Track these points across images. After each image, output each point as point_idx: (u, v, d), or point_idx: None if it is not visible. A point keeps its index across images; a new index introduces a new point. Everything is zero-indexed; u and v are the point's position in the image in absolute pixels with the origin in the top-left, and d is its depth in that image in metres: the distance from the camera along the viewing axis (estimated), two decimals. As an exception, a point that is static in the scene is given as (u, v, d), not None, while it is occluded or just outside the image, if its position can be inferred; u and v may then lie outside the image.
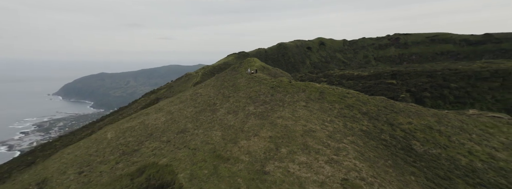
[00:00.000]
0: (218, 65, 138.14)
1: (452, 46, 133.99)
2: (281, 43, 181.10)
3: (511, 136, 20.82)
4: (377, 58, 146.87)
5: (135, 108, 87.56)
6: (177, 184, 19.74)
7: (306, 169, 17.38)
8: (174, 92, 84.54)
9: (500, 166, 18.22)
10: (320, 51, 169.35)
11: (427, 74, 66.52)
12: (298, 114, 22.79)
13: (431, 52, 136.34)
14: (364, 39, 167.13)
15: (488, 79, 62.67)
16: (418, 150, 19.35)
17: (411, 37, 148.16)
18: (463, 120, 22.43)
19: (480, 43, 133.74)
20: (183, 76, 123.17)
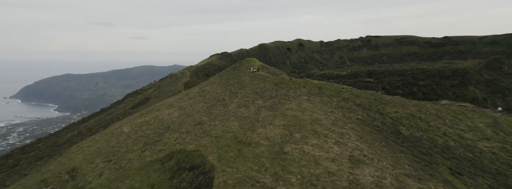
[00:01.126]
0: (202, 65, 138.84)
1: (417, 48, 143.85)
2: (262, 44, 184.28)
3: (475, 121, 25.18)
4: (352, 58, 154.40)
5: (123, 108, 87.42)
6: (208, 165, 22.14)
7: (318, 149, 20.53)
8: (164, 92, 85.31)
9: (467, 144, 22.32)
10: (299, 52, 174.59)
11: (398, 73, 72.32)
12: (303, 106, 25.90)
13: (399, 53, 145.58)
14: (339, 40, 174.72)
15: (450, 77, 69.35)
16: (405, 133, 23.10)
17: (381, 39, 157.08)
18: (438, 109, 26.65)
19: (440, 45, 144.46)
20: (167, 76, 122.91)
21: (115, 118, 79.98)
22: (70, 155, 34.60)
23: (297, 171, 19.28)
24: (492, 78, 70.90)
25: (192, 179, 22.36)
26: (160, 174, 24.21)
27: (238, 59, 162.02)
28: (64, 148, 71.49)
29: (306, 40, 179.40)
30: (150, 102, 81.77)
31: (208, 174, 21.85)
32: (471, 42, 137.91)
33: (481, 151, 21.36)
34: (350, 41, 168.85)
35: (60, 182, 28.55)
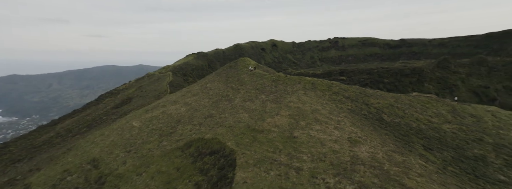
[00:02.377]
0: (179, 65, 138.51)
1: (378, 49, 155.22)
2: (238, 44, 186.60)
3: (438, 108, 30.45)
4: (321, 59, 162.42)
5: (103, 109, 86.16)
6: (227, 150, 24.80)
7: (322, 133, 24.20)
8: (148, 91, 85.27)
9: (434, 126, 27.37)
10: (273, 52, 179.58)
11: (366, 72, 79.10)
12: (303, 99, 29.46)
13: (363, 54, 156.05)
14: (309, 41, 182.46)
15: (409, 75, 77.33)
16: (387, 119, 27.55)
17: (347, 41, 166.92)
18: (410, 99, 31.65)
19: (397, 47, 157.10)
20: (144, 76, 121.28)
21: (98, 118, 78.82)
22: (85, 148, 35.25)
23: (307, 151, 22.78)
24: (442, 75, 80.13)
25: (214, 161, 24.93)
26: (183, 159, 26.44)
27: (214, 59, 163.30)
28: (44, 149, 69.81)
29: (279, 40, 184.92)
30: (133, 101, 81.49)
31: (229, 157, 24.58)
32: (423, 44, 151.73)
33: (444, 131, 26.41)
34: (319, 42, 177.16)
35: (84, 171, 29.56)
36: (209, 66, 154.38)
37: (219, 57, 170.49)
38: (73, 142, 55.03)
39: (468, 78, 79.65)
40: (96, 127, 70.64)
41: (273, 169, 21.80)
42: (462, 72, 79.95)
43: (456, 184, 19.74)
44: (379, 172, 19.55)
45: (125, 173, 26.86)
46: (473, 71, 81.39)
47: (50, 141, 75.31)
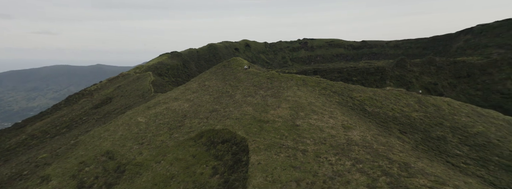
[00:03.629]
0: (153, 64, 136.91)
1: (343, 50, 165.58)
2: (211, 44, 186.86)
3: (407, 100, 36.15)
4: (292, 59, 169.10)
5: (80, 109, 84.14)
6: (238, 138, 27.52)
7: (319, 121, 28.06)
8: (130, 91, 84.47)
9: (406, 114, 32.69)
10: (246, 52, 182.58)
11: (337, 71, 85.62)
12: (298, 94, 33.14)
13: (330, 54, 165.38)
14: (280, 42, 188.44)
15: (374, 73, 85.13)
16: (369, 110, 32.23)
17: (315, 42, 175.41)
18: (385, 93, 36.87)
19: (360, 47, 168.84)
20: (118, 76, 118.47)
21: (77, 118, 76.96)
22: (93, 143, 35.52)
23: (309, 136, 26.47)
24: (400, 74, 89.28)
25: (227, 148, 27.57)
26: (197, 148, 28.63)
27: (188, 58, 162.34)
28: (21, 151, 67.38)
29: (252, 41, 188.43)
30: (115, 101, 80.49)
31: (240, 144, 27.40)
32: (381, 46, 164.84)
33: (414, 118, 31.72)
34: (290, 42, 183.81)
35: (100, 162, 30.35)
36: (184, 66, 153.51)
37: (194, 56, 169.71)
38: (51, 143, 53.96)
39: (421, 76, 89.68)
40: (77, 127, 69.10)
41: (282, 152, 25.19)
42: (416, 70, 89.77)
43: (427, 158, 24.71)
44: (370, 150, 23.82)
45: (143, 162, 28.48)
46: (424, 70, 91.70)
47: (25, 143, 72.16)
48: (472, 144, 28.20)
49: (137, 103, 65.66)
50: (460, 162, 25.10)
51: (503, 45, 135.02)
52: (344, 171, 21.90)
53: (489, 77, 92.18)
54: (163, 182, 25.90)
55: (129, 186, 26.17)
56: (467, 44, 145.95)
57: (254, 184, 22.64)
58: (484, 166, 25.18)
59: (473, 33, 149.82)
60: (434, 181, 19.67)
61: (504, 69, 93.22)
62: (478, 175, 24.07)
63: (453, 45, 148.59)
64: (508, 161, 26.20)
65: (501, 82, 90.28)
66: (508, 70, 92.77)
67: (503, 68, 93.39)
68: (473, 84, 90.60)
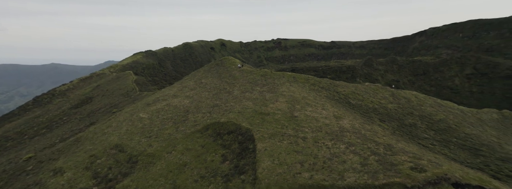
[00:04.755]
0: (128, 63, 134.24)
1: (315, 50, 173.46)
2: (187, 43, 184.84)
3: (383, 94, 40.78)
4: (267, 58, 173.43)
5: (57, 110, 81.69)
6: (243, 129, 29.98)
7: (314, 113, 31.58)
8: (112, 90, 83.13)
9: (383, 106, 37.59)
10: (222, 51, 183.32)
11: (313, 69, 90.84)
12: (291, 89, 36.41)
13: (302, 54, 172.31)
14: (255, 42, 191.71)
15: (345, 72, 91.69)
16: (352, 103, 36.46)
17: (288, 42, 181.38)
18: (365, 87, 41.48)
19: (329, 48, 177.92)
20: (91, 76, 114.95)
21: (56, 118, 74.64)
22: (98, 138, 35.67)
23: (307, 125, 29.85)
24: (368, 72, 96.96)
25: (233, 138, 29.96)
26: (204, 139, 30.61)
27: (164, 57, 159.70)
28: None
29: (227, 40, 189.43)
30: (96, 101, 79.02)
31: (246, 134, 29.95)
32: (348, 46, 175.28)
33: (390, 109, 36.53)
34: (264, 42, 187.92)
35: (111, 155, 31.00)
36: (160, 65, 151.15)
37: (169, 56, 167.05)
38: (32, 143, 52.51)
39: (385, 73, 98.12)
40: (58, 127, 67.18)
41: (285, 140, 28.30)
42: (381, 69, 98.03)
43: (404, 140, 29.30)
44: (359, 135, 27.80)
45: (155, 153, 29.90)
46: (388, 68, 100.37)
47: (0, 145, 68.86)
48: (436, 129, 33.57)
49: (123, 102, 65.13)
50: (428, 143, 30.07)
51: (450, 46, 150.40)
52: (339, 153, 25.54)
53: (440, 74, 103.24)
54: (177, 169, 27.74)
55: (145, 174, 27.64)
56: (422, 45, 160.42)
57: (264, 167, 25.54)
58: (446, 146, 30.40)
59: (426, 35, 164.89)
60: (412, 157, 23.99)
61: (453, 67, 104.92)
62: (442, 153, 29.13)
63: (410, 46, 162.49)
64: (464, 141, 31.78)
65: (450, 79, 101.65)
66: (455, 69, 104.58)
67: (451, 67, 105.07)
68: (428, 81, 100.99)
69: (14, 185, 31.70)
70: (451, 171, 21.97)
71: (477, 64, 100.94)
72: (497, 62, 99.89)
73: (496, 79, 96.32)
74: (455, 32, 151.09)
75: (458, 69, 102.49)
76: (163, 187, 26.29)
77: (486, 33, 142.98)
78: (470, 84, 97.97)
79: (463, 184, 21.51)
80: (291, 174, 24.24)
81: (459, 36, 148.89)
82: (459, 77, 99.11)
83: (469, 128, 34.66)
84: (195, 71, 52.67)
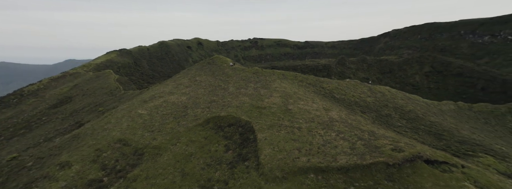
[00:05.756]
0: (102, 62, 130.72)
1: (290, 49, 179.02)
2: (163, 42, 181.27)
3: (362, 89, 45.29)
4: (245, 57, 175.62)
5: (33, 111, 78.71)
6: (243, 121, 32.24)
7: (306, 106, 34.83)
8: (93, 89, 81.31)
9: (363, 99, 41.96)
10: (199, 50, 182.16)
11: (292, 68, 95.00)
12: (283, 85, 39.37)
13: (278, 53, 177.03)
14: (232, 41, 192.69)
15: (322, 70, 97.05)
16: (337, 97, 40.29)
17: (265, 41, 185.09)
18: (346, 83, 45.60)
19: (303, 47, 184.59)
20: (66, 75, 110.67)
21: (35, 118, 72.06)
22: (100, 134, 35.64)
23: (301, 117, 32.99)
24: (341, 70, 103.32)
25: (234, 130, 32.16)
26: (206, 131, 32.40)
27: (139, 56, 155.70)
28: None
29: (204, 39, 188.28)
30: (77, 100, 77.15)
31: (246, 126, 32.32)
32: (321, 46, 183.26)
33: (369, 102, 40.91)
34: (241, 41, 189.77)
35: (116, 149, 31.54)
36: (136, 64, 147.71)
37: (145, 54, 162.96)
38: (13, 144, 51.07)
39: (356, 72, 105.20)
40: (39, 127, 65.02)
41: (282, 130, 31.21)
42: (353, 67, 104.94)
43: (382, 128, 33.60)
44: (347, 124, 31.51)
45: (160, 145, 31.20)
46: (359, 67, 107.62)
47: None
48: (407, 118, 38.50)
49: (108, 101, 64.27)
50: (402, 130, 34.69)
51: (410, 46, 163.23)
52: (331, 139, 29.00)
53: (404, 72, 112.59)
54: (184, 159, 29.45)
55: (154, 164, 28.98)
56: (386, 45, 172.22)
57: (266, 154, 28.30)
58: (416, 132, 35.25)
59: (390, 37, 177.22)
60: (392, 140, 28.06)
61: (414, 66, 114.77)
62: (413, 138, 33.84)
63: (376, 46, 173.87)
64: (429, 128, 36.96)
65: (412, 76, 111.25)
66: (416, 67, 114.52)
67: (412, 65, 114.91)
68: (393, 78, 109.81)
69: (18, 180, 31.31)
70: (423, 150, 26.25)
71: (433, 63, 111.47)
72: (449, 61, 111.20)
73: (449, 77, 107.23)
74: (414, 34, 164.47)
75: (418, 68, 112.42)
76: (172, 175, 27.94)
77: (440, 35, 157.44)
78: (428, 81, 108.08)
79: (432, 161, 25.85)
80: (291, 159, 27.21)
81: (417, 38, 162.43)
82: (419, 75, 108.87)
83: (433, 117, 40.15)
84: (186, 69, 53.76)
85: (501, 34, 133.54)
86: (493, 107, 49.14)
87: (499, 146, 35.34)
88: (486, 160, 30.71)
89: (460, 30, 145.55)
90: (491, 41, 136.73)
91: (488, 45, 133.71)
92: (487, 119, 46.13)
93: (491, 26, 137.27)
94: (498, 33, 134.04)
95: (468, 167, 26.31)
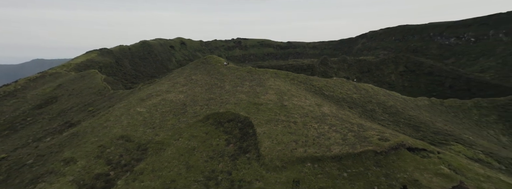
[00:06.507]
0: (82, 62, 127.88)
1: (273, 49, 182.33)
2: (145, 41, 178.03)
3: (347, 86, 48.79)
4: (228, 57, 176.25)
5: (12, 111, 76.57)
6: (241, 117, 34.01)
7: (300, 102, 37.30)
8: (80, 90, 79.91)
9: (349, 96, 45.15)
10: (182, 50, 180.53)
11: (277, 68, 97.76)
12: (276, 83, 41.59)
13: (262, 53, 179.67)
14: (216, 41, 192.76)
15: (306, 70, 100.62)
16: (326, 94, 43.15)
17: (248, 42, 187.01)
18: (334, 81, 49.04)
19: (286, 47, 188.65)
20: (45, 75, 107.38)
21: (19, 119, 70.20)
22: (101, 131, 35.73)
23: (296, 112, 35.38)
24: (324, 70, 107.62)
25: (233, 125, 33.87)
26: (207, 127, 33.81)
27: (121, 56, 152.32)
28: None
29: (187, 39, 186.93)
30: (64, 100, 75.83)
31: (245, 121, 34.14)
32: (303, 46, 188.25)
33: (355, 98, 44.27)
34: (225, 41, 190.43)
35: (119, 145, 32.08)
36: (118, 64, 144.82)
37: (126, 54, 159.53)
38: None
39: (338, 71, 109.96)
40: (24, 128, 63.52)
41: (279, 124, 33.45)
42: (335, 67, 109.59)
43: (368, 121, 36.84)
44: (338, 118, 34.33)
45: (163, 140, 32.26)
46: (340, 67, 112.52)
47: None
48: (389, 112, 42.16)
49: (98, 101, 63.59)
50: (385, 123, 38.14)
51: (386, 47, 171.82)
52: (324, 132, 31.64)
53: (381, 72, 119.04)
54: (187, 153, 30.83)
55: (159, 158, 30.10)
56: (364, 46, 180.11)
57: (265, 146, 30.43)
58: (397, 125, 38.88)
59: (367, 38, 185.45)
60: (378, 131, 31.13)
61: (389, 66, 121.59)
62: (396, 130, 37.38)
63: (354, 47, 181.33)
64: (408, 121, 40.80)
65: (388, 75, 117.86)
66: (392, 67, 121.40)
67: (389, 65, 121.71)
68: (372, 77, 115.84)
69: (21, 176, 31.16)
70: (406, 140, 29.51)
71: (407, 63, 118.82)
72: (421, 61, 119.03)
73: (421, 75, 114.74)
74: (389, 36, 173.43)
75: (393, 67, 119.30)
76: (177, 168, 29.28)
77: (412, 37, 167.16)
78: (402, 80, 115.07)
79: (413, 148, 29.16)
80: (289, 150, 29.53)
81: (392, 39, 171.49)
82: (394, 74, 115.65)
83: (411, 112, 44.18)
84: (180, 68, 54.56)
85: (465, 36, 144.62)
86: (461, 102, 54.47)
87: (467, 135, 39.78)
88: (457, 148, 34.72)
89: (430, 32, 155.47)
90: (457, 42, 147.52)
91: (454, 47, 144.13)
92: (456, 113, 51.17)
93: (456, 29, 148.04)
94: (462, 35, 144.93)
95: (443, 153, 29.87)
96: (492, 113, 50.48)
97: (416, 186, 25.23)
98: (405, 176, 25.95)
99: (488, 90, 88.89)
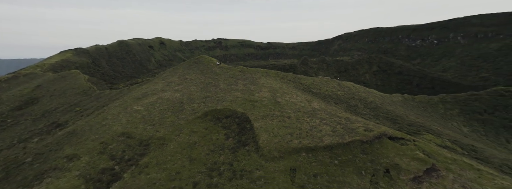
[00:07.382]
0: (57, 62, 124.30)
1: (253, 50, 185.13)
2: (122, 41, 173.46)
3: (333, 84, 52.57)
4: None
5: None
6: (238, 113, 36.03)
7: (292, 98, 40.15)
8: (63, 90, 77.87)
9: (334, 93, 48.75)
10: (162, 50, 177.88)
11: (261, 67, 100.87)
12: (269, 82, 44.11)
13: (242, 53, 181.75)
14: (196, 41, 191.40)
15: (288, 69, 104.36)
16: (314, 91, 46.43)
17: (229, 42, 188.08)
18: (319, 79, 52.08)
19: (266, 48, 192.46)
20: (18, 76, 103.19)
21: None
22: (100, 129, 35.76)
23: (289, 108, 38.15)
24: (305, 70, 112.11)
25: (231, 121, 35.84)
26: (206, 123, 35.42)
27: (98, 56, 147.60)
28: None
29: (166, 39, 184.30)
30: (46, 101, 73.75)
31: (242, 117, 36.25)
32: (282, 47, 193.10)
33: (339, 95, 48.08)
34: (205, 41, 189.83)
35: (120, 141, 32.63)
36: (95, 64, 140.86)
37: (103, 54, 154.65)
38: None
39: (318, 71, 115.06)
40: (6, 130, 61.49)
41: (274, 119, 36.05)
42: (315, 67, 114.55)
43: (353, 116, 40.63)
44: (327, 113, 37.60)
45: (164, 136, 33.45)
46: (320, 66, 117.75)
47: None
48: (370, 107, 46.39)
49: (84, 101, 62.59)
50: (367, 117, 42.14)
51: (360, 48, 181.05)
52: (316, 125, 34.69)
53: (356, 71, 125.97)
54: (189, 147, 32.40)
55: (162, 152, 31.36)
56: (340, 47, 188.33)
57: (263, 139, 32.90)
58: (377, 118, 43.07)
59: (342, 39, 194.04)
60: (363, 123, 34.71)
61: (364, 66, 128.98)
62: (376, 123, 41.53)
63: (331, 48, 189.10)
64: (386, 114, 45.25)
65: (363, 75, 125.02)
66: (366, 67, 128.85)
67: (363, 65, 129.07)
68: (348, 77, 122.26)
69: (23, 174, 30.92)
70: (387, 130, 33.32)
71: (380, 63, 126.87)
72: (392, 61, 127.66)
73: (392, 75, 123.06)
74: (362, 37, 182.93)
75: (367, 67, 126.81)
76: (181, 161, 30.82)
77: (383, 39, 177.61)
78: (376, 79, 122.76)
79: (394, 137, 33.00)
80: (285, 142, 32.22)
81: (365, 41, 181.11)
82: (368, 74, 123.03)
83: (388, 106, 48.82)
84: (173, 68, 55.31)
85: (429, 38, 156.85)
86: (429, 98, 60.59)
87: (435, 126, 44.93)
88: (428, 137, 39.41)
89: (399, 34, 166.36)
90: (422, 44, 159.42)
91: (420, 48, 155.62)
92: (425, 107, 56.97)
93: (421, 32, 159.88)
94: (426, 38, 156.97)
95: (417, 141, 34.08)
96: (455, 107, 56.83)
97: (397, 169, 28.92)
98: (387, 161, 29.54)
99: (450, 88, 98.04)
